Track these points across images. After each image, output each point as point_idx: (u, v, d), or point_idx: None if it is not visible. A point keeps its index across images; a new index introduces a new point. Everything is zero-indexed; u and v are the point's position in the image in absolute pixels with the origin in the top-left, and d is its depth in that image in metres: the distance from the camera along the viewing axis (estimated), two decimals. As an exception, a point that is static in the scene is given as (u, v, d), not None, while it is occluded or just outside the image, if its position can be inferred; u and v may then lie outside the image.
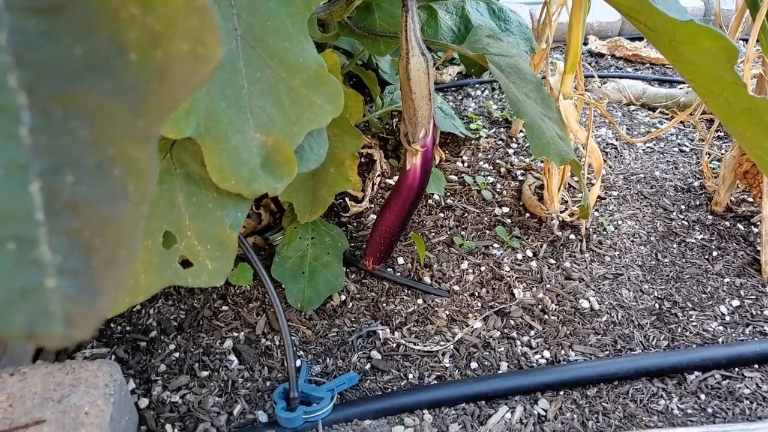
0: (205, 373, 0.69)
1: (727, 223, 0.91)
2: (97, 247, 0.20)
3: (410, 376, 0.69)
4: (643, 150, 1.08)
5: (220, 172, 0.45)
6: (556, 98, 0.80)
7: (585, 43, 1.48)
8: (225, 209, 0.49)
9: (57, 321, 0.20)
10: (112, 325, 0.74)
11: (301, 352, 0.72)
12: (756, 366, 0.70)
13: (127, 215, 0.20)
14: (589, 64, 1.39)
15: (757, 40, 0.78)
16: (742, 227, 0.91)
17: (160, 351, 0.71)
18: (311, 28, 0.66)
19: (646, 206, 0.94)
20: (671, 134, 1.14)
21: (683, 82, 1.27)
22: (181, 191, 0.49)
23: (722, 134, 1.10)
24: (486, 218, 0.91)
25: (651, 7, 0.53)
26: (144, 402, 0.66)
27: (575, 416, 0.65)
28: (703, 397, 0.67)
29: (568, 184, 0.97)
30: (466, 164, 1.02)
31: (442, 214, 0.91)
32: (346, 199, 0.91)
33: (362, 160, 0.99)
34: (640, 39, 1.45)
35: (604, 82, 1.26)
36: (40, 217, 0.20)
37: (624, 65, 1.39)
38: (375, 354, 0.71)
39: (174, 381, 0.68)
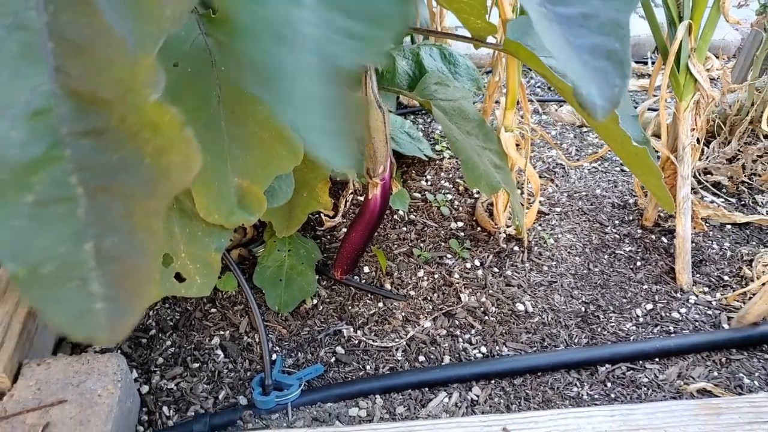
0: (195, 365, 0.82)
1: (653, 237, 1.05)
2: (127, 284, 0.34)
3: (368, 367, 0.82)
4: (588, 170, 1.22)
5: (206, 209, 0.59)
6: (498, 130, 0.93)
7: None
8: (211, 237, 0.62)
9: (103, 330, 0.34)
10: (118, 324, 0.87)
11: (277, 348, 0.85)
12: (656, 359, 0.83)
13: (147, 264, 0.34)
14: (549, 87, 1.53)
15: (669, 84, 0.91)
16: (665, 240, 1.04)
17: (158, 346, 0.85)
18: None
19: (584, 221, 1.08)
20: (614, 155, 1.27)
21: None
22: (177, 223, 0.63)
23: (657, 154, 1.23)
24: (442, 232, 1.04)
25: (553, 77, 0.66)
26: (145, 388, 0.79)
27: (502, 401, 0.78)
28: (609, 385, 0.80)
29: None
30: (429, 183, 1.16)
31: (404, 228, 1.05)
32: (321, 214, 1.05)
33: (337, 179, 1.12)
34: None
35: (561, 105, 1.39)
36: (92, 265, 0.34)
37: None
38: (339, 349, 0.85)
39: (170, 371, 0.81)
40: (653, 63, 1.52)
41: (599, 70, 0.39)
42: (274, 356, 0.83)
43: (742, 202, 1.13)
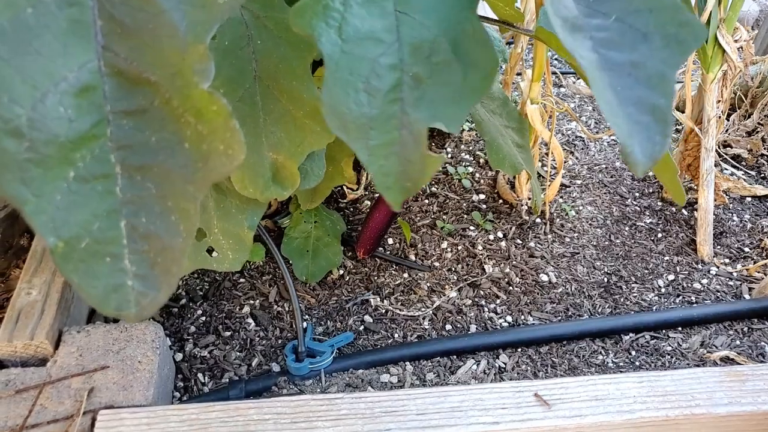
0: (227, 334, 0.84)
1: (674, 209, 1.05)
2: (158, 262, 0.35)
3: (396, 335, 0.84)
4: (608, 142, 1.22)
5: (242, 183, 0.60)
6: (524, 102, 0.93)
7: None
8: (244, 213, 0.63)
9: (132, 305, 0.35)
10: (148, 294, 0.89)
11: (306, 316, 0.87)
12: (679, 329, 0.85)
13: (178, 245, 0.35)
14: (567, 59, 1.51)
15: (695, 55, 0.91)
16: (685, 212, 1.05)
17: (189, 315, 0.86)
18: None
19: (605, 194, 1.09)
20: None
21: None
22: (211, 198, 0.64)
23: (679, 127, 1.23)
24: (464, 204, 1.05)
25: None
26: (179, 356, 0.81)
27: (529, 368, 0.80)
28: (633, 353, 0.82)
29: (539, 174, 1.10)
30: (449, 155, 1.16)
31: (427, 201, 1.05)
32: (345, 187, 1.05)
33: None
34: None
35: (578, 78, 1.38)
36: (125, 242, 0.35)
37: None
38: (367, 318, 0.86)
39: (202, 340, 0.83)
40: None
41: (643, 125, 0.39)
42: (304, 324, 0.85)
43: (762, 175, 1.13)
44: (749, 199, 1.07)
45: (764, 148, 1.16)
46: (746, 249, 0.98)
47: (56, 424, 0.65)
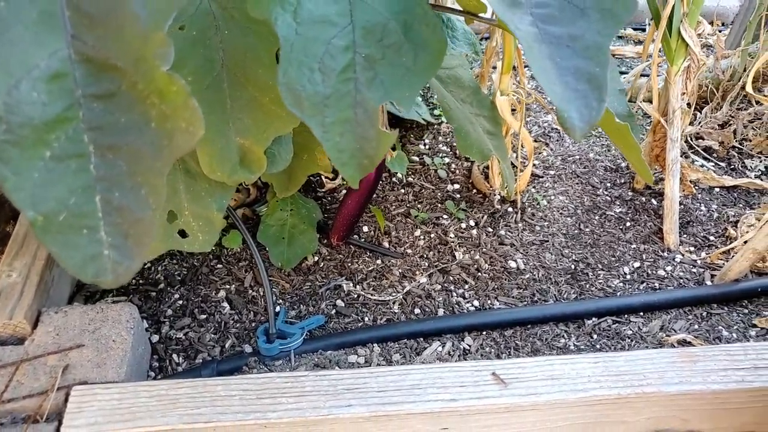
0: (203, 317, 0.87)
1: (643, 199, 1.08)
2: (131, 233, 0.38)
3: (366, 319, 0.87)
4: (583, 134, 1.24)
5: (210, 167, 0.62)
6: (495, 93, 0.96)
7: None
8: (213, 196, 0.66)
9: (109, 273, 0.38)
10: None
11: (280, 301, 0.89)
12: (641, 313, 0.88)
13: (149, 216, 0.38)
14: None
15: (661, 48, 0.93)
16: (655, 202, 1.07)
17: (166, 299, 0.89)
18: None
19: (577, 184, 1.11)
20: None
21: (625, 74, 1.42)
22: (182, 182, 0.66)
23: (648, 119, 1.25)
24: (439, 193, 1.08)
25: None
26: (155, 338, 0.84)
27: (492, 350, 0.83)
28: (595, 336, 0.85)
29: (512, 164, 1.13)
30: (427, 146, 1.18)
31: (402, 190, 1.08)
32: (322, 176, 1.08)
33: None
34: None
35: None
36: (100, 216, 0.38)
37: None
38: (339, 302, 0.89)
39: (178, 322, 0.86)
40: None
41: (580, 92, 0.42)
42: (277, 308, 0.88)
43: (732, 167, 1.16)
44: (717, 189, 1.10)
45: (735, 141, 1.19)
46: (711, 237, 1.01)
47: (31, 399, 0.68)
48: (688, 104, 0.97)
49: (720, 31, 1.28)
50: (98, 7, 0.38)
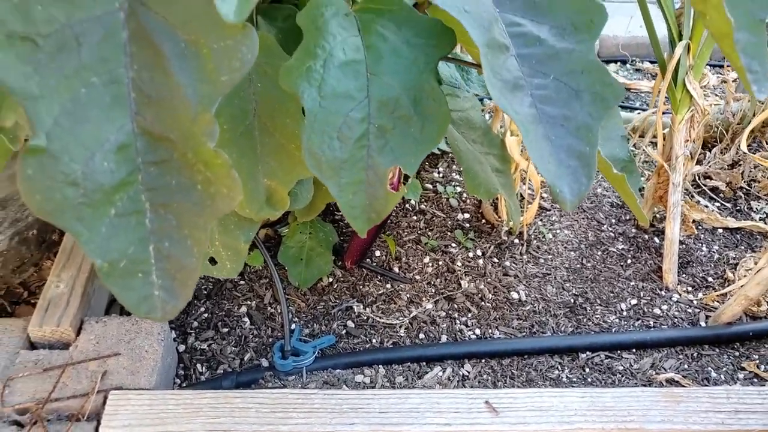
0: (225, 330, 0.95)
1: (646, 237, 1.13)
2: (178, 277, 0.45)
3: (374, 341, 0.94)
4: (594, 169, 1.29)
5: (240, 204, 0.70)
6: (505, 132, 1.02)
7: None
8: (241, 230, 0.74)
9: (158, 311, 0.46)
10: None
11: (296, 319, 0.97)
12: (633, 350, 0.93)
13: (192, 264, 0.45)
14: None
15: (667, 97, 0.98)
16: (657, 240, 1.12)
17: (193, 312, 0.98)
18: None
19: (583, 218, 1.16)
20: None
21: (641, 108, 1.46)
22: (214, 215, 0.74)
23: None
24: (449, 222, 1.14)
25: None
26: (181, 347, 0.92)
27: (490, 378, 0.89)
28: (587, 370, 0.90)
29: (521, 195, 1.19)
30: (441, 175, 1.25)
31: (415, 217, 1.15)
32: (342, 200, 1.15)
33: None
34: (614, 62, 1.64)
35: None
36: (153, 262, 0.46)
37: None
38: (350, 323, 0.96)
39: (203, 334, 0.94)
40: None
41: (571, 168, 0.48)
42: (293, 326, 0.95)
43: (738, 208, 1.20)
44: (721, 230, 1.14)
45: (743, 182, 1.23)
46: (710, 279, 1.05)
47: (75, 400, 0.76)
48: (693, 150, 1.02)
49: (728, 75, 1.31)
50: (157, 91, 0.47)
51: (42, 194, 0.45)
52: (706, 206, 1.18)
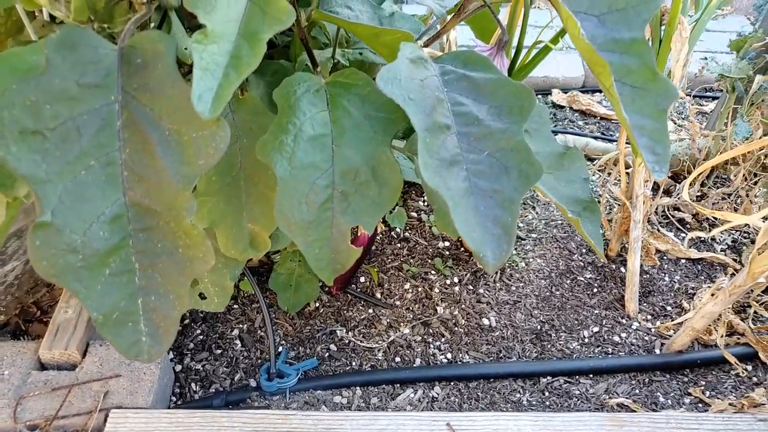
0: (218, 351, 1.04)
1: (613, 266, 1.21)
2: (162, 326, 0.55)
3: (354, 363, 1.03)
4: (569, 198, 1.37)
5: (226, 246, 0.79)
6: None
7: (548, 94, 1.74)
8: (227, 268, 0.83)
9: (145, 354, 0.56)
10: (160, 313, 1.10)
11: (283, 342, 1.06)
12: (590, 376, 1.01)
13: (174, 314, 0.54)
14: (551, 115, 1.66)
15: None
16: (623, 270, 1.20)
17: (190, 334, 1.07)
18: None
19: (555, 248, 1.24)
20: (593, 185, 1.42)
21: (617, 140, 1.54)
22: (203, 256, 0.83)
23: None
24: (430, 249, 1.23)
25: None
26: (178, 367, 1.02)
27: (456, 400, 0.98)
28: (546, 393, 0.99)
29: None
30: (425, 203, 1.33)
31: (399, 245, 1.23)
32: (330, 229, 1.24)
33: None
34: (599, 91, 1.71)
35: (556, 134, 1.53)
36: (141, 313, 0.56)
37: (578, 117, 1.66)
38: (332, 347, 1.05)
39: (198, 355, 1.03)
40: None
41: (495, 235, 0.56)
42: (279, 348, 1.04)
43: (702, 239, 1.27)
44: (684, 261, 1.22)
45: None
46: (668, 308, 1.13)
47: (79, 417, 0.86)
48: (653, 188, 1.09)
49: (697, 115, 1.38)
50: (145, 170, 0.56)
51: (48, 261, 0.55)
52: (673, 237, 1.26)
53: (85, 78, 0.56)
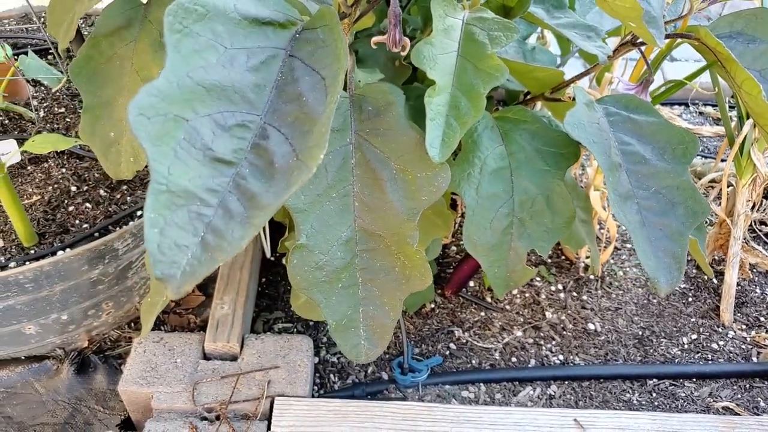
0: (350, 346, 1.15)
1: (706, 278, 1.29)
2: (377, 332, 0.66)
3: (473, 362, 1.13)
4: (658, 210, 1.45)
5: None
6: (588, 187, 1.19)
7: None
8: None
9: (363, 355, 0.67)
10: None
11: (406, 340, 1.17)
12: (694, 380, 1.10)
13: (389, 323, 0.65)
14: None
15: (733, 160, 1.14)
16: (715, 281, 1.28)
17: (323, 328, 1.18)
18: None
19: (649, 258, 1.32)
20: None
21: (701, 154, 1.61)
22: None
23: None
24: (534, 258, 1.32)
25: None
26: (315, 359, 1.13)
27: (572, 398, 1.07)
28: (654, 395, 1.08)
29: (597, 237, 1.35)
30: (523, 213, 1.42)
31: (502, 252, 1.33)
32: (438, 235, 1.34)
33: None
34: (679, 104, 1.78)
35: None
36: (361, 320, 0.66)
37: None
38: (452, 345, 1.16)
39: (333, 348, 1.15)
40: (731, 107, 1.69)
41: (666, 264, 0.66)
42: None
43: (789, 253, 1.34)
44: (773, 274, 1.29)
45: (796, 228, 1.37)
46: (762, 319, 1.21)
47: (248, 403, 0.98)
48: (752, 206, 1.17)
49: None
50: (373, 202, 0.66)
51: (301, 276, 0.66)
52: (763, 251, 1.33)
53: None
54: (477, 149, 0.76)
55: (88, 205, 1.13)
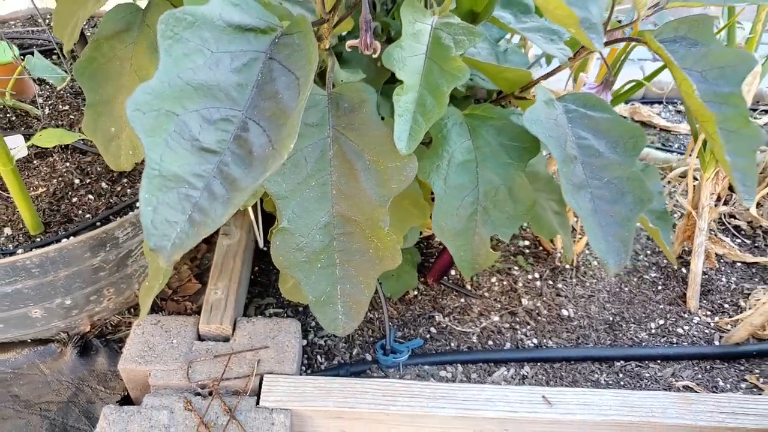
0: (336, 330, 1.22)
1: (675, 267, 1.36)
2: (353, 308, 0.73)
3: (452, 344, 1.20)
4: (633, 204, 1.52)
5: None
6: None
7: (612, 106, 1.88)
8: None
9: (340, 329, 0.75)
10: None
11: (389, 323, 1.24)
12: (658, 361, 1.17)
13: (364, 299, 0.72)
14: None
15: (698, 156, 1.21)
16: (684, 270, 1.35)
17: (310, 314, 1.25)
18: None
19: (622, 249, 1.40)
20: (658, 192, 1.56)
21: (678, 151, 1.68)
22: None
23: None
24: (512, 248, 1.39)
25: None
26: (304, 342, 1.20)
27: (543, 378, 1.15)
28: (621, 375, 1.15)
29: (573, 228, 1.42)
30: (504, 206, 1.49)
31: (483, 243, 1.40)
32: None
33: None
34: (659, 103, 1.85)
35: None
36: (339, 297, 0.74)
37: (639, 127, 1.81)
38: (432, 329, 1.23)
39: (320, 332, 1.22)
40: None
41: (615, 247, 0.72)
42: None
43: (756, 245, 1.41)
44: (739, 264, 1.36)
45: (763, 222, 1.44)
46: (726, 306, 1.28)
47: (239, 380, 1.05)
48: (717, 199, 1.24)
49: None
50: (349, 190, 0.73)
51: (283, 256, 0.73)
52: (730, 242, 1.40)
53: (307, 119, 0.73)
54: (446, 143, 0.82)
55: (90, 196, 1.20)
